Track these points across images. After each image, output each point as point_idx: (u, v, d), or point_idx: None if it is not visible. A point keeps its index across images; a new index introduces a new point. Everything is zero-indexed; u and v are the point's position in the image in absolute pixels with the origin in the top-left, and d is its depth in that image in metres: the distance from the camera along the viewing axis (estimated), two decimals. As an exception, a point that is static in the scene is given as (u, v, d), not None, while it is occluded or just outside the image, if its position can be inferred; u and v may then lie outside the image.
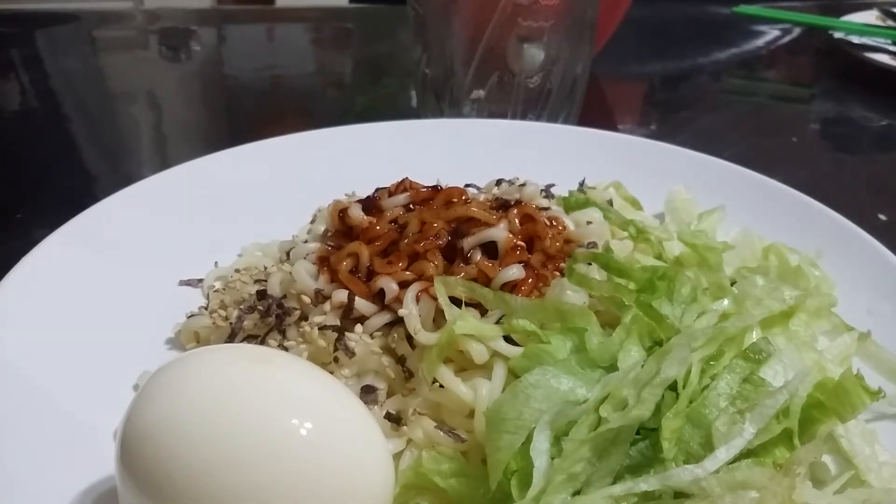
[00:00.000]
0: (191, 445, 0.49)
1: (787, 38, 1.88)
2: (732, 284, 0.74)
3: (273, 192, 0.96)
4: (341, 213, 0.77)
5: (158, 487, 0.49)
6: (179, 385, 0.52)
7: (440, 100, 1.18)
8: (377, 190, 0.81)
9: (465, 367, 0.66)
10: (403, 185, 0.80)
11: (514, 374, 0.62)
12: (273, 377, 0.53)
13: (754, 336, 0.64)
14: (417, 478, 0.59)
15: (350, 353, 0.66)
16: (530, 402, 0.56)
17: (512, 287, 0.69)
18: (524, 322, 0.64)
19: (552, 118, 1.18)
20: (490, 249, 0.72)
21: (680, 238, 0.79)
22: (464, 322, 0.63)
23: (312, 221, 0.89)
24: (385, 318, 0.69)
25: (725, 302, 0.68)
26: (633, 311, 0.63)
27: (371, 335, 0.68)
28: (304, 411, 0.52)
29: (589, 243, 0.76)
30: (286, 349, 0.68)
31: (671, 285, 0.67)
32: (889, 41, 1.58)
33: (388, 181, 0.82)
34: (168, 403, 0.51)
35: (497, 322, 0.66)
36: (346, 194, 0.88)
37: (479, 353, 0.63)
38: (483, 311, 0.67)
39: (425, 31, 1.15)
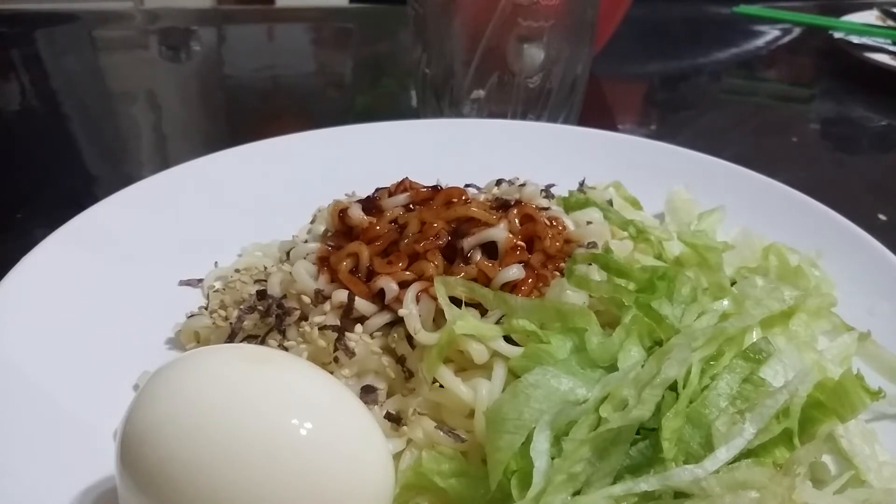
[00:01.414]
0: (190, 445, 0.49)
1: (787, 38, 1.88)
2: (732, 284, 0.74)
3: (273, 192, 0.96)
4: (341, 213, 0.77)
5: (158, 487, 0.49)
6: (179, 385, 0.52)
7: (440, 100, 1.18)
8: (377, 190, 0.81)
9: (465, 367, 0.65)
10: (403, 185, 0.80)
11: (514, 374, 0.62)
12: (273, 377, 0.53)
13: (754, 336, 0.64)
14: (417, 478, 0.59)
15: (350, 353, 0.66)
16: (530, 402, 0.56)
17: (512, 287, 0.69)
18: (524, 322, 0.64)
19: (552, 118, 1.18)
20: (490, 249, 0.72)
21: (680, 238, 0.79)
22: (464, 322, 0.63)
23: (312, 221, 0.89)
24: (385, 318, 0.68)
25: (725, 302, 0.68)
26: (633, 312, 0.63)
27: (371, 335, 0.68)
28: (303, 412, 0.52)
29: (589, 243, 0.76)
30: (286, 349, 0.68)
31: (671, 285, 0.67)
32: (889, 41, 1.58)
33: (388, 181, 0.82)
34: (168, 403, 0.51)
35: (497, 322, 0.65)
36: (345, 194, 0.88)
37: (479, 353, 0.63)
38: (483, 311, 0.67)
39: (425, 31, 1.15)
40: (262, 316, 0.72)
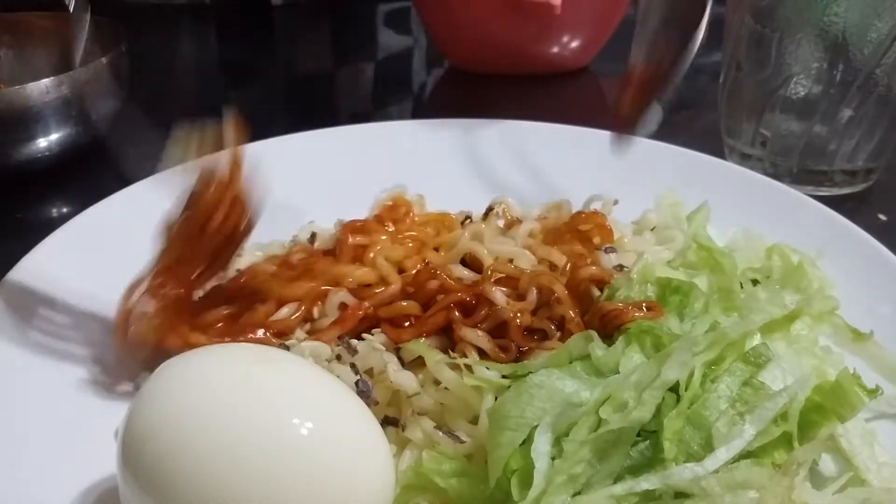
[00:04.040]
0: (192, 444, 0.49)
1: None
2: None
3: (273, 192, 0.96)
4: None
5: (160, 486, 0.49)
6: (181, 384, 0.52)
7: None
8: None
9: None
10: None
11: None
12: (274, 377, 0.53)
13: (756, 341, 0.64)
14: (418, 478, 0.58)
15: (352, 351, 0.66)
16: (534, 401, 0.56)
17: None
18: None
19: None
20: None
21: (695, 241, 0.78)
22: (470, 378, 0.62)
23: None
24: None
25: (735, 316, 0.68)
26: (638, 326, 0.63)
27: (371, 332, 0.69)
28: (305, 412, 0.52)
29: (616, 266, 0.73)
30: (287, 348, 0.68)
31: (684, 300, 0.67)
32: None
33: (388, 181, 0.81)
34: (169, 402, 0.51)
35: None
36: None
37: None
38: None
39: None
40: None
